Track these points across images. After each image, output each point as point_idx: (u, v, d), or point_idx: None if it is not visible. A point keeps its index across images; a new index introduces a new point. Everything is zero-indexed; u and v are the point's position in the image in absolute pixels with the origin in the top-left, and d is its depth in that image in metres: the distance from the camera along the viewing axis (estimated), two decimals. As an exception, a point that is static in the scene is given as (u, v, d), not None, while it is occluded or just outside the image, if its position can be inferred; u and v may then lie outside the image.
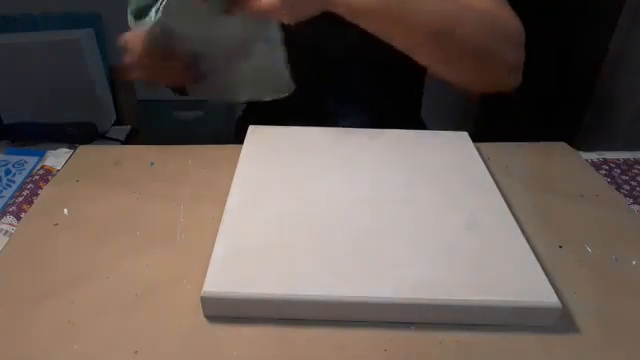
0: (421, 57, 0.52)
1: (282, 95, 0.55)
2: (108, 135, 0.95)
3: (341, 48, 0.64)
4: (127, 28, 0.70)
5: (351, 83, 0.69)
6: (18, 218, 0.49)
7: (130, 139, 0.95)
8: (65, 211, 0.50)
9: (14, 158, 0.61)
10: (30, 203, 0.51)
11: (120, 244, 0.45)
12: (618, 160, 0.63)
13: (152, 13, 0.50)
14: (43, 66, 1.51)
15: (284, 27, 0.59)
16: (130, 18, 0.53)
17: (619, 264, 0.45)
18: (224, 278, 0.38)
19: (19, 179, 0.56)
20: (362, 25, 0.49)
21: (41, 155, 0.62)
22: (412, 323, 0.38)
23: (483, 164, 0.54)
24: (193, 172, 0.56)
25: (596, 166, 0.61)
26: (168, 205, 0.50)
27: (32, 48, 1.50)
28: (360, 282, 0.38)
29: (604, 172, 0.60)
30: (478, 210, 0.47)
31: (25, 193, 0.52)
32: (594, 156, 0.63)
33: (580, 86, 1.22)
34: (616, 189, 0.56)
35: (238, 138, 0.58)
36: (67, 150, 0.62)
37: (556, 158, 0.62)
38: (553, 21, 1.36)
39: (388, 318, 0.38)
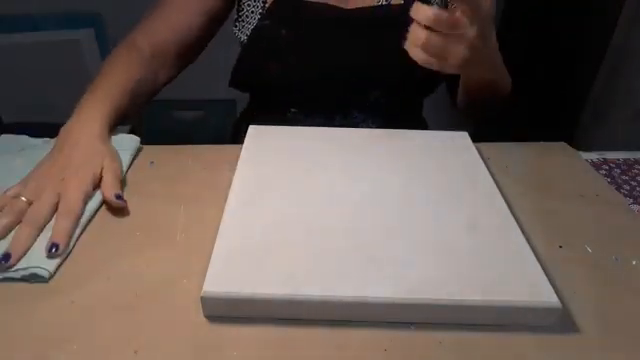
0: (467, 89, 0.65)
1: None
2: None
3: (350, 64, 0.68)
4: (127, 28, 0.70)
5: (355, 90, 0.71)
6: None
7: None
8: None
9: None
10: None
11: (120, 244, 0.45)
12: (618, 160, 0.63)
13: None
14: (43, 66, 1.51)
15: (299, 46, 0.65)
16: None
17: (619, 264, 0.45)
18: (224, 278, 0.38)
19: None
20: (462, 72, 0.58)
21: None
22: (412, 323, 0.38)
23: (483, 164, 0.54)
24: (193, 172, 0.56)
25: (596, 166, 0.61)
26: (168, 205, 0.50)
27: (32, 48, 1.50)
28: (360, 282, 0.38)
29: (604, 172, 0.60)
30: (478, 210, 0.47)
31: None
32: (594, 156, 0.63)
33: (580, 86, 1.22)
34: (616, 189, 0.56)
35: (236, 139, 0.59)
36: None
37: (556, 158, 0.62)
38: (553, 22, 1.36)
39: (388, 318, 0.38)
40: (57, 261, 0.42)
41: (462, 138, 0.60)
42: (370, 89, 0.71)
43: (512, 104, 0.70)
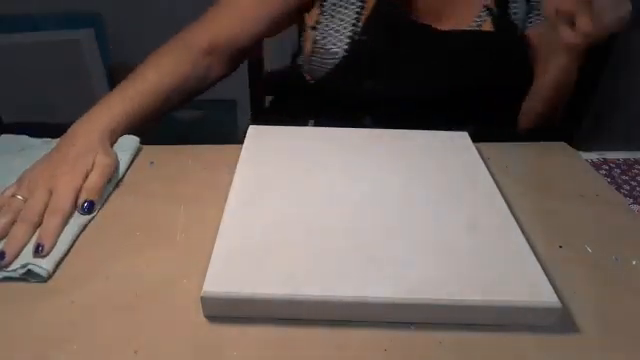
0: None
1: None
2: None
3: (434, 85, 0.70)
4: (127, 28, 0.70)
5: (434, 110, 0.71)
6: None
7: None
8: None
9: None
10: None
11: (120, 244, 0.45)
12: (618, 160, 0.63)
13: None
14: (43, 66, 1.51)
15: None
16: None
17: (619, 264, 0.45)
18: (224, 278, 0.38)
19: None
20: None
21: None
22: (412, 323, 0.38)
23: (483, 164, 0.54)
24: (193, 172, 0.56)
25: (596, 166, 0.61)
26: (168, 205, 0.50)
27: (32, 48, 1.50)
28: (360, 282, 0.38)
29: (604, 172, 0.60)
30: (478, 210, 0.47)
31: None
32: (594, 156, 0.63)
33: (580, 86, 1.22)
34: (616, 189, 0.56)
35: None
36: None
37: (556, 158, 0.62)
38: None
39: (388, 318, 0.38)
40: (55, 259, 0.42)
41: (462, 138, 0.60)
42: (449, 112, 0.71)
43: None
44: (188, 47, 0.65)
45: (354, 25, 0.68)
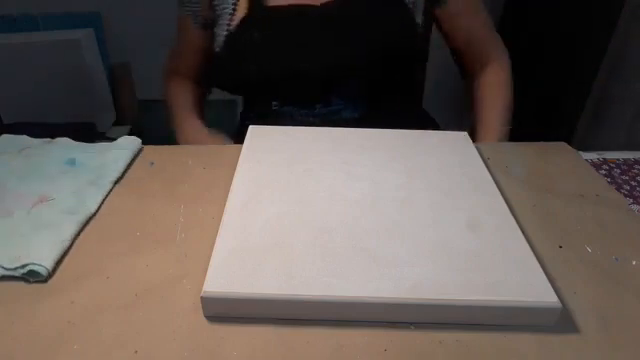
0: None
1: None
2: (108, 135, 0.96)
3: (322, 57, 0.72)
4: (127, 28, 0.71)
5: (330, 80, 0.74)
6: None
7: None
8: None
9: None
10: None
11: (120, 244, 0.45)
12: (618, 160, 0.63)
13: None
14: (43, 66, 1.51)
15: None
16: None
17: (619, 264, 0.45)
18: (224, 278, 0.38)
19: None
20: None
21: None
22: (412, 323, 0.38)
23: (483, 164, 0.54)
24: (193, 172, 0.56)
25: (596, 166, 0.61)
26: (168, 205, 0.50)
27: (32, 48, 1.50)
28: (360, 282, 0.38)
29: (604, 172, 0.60)
30: (478, 210, 0.47)
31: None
32: (594, 156, 0.63)
33: (580, 86, 1.22)
34: (616, 189, 0.56)
35: (238, 140, 0.60)
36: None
37: (556, 158, 0.62)
38: (553, 21, 1.36)
39: (388, 318, 0.38)
40: (55, 258, 0.42)
41: (462, 138, 0.60)
42: (344, 78, 0.74)
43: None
44: (183, 82, 0.84)
45: (228, 24, 0.73)
